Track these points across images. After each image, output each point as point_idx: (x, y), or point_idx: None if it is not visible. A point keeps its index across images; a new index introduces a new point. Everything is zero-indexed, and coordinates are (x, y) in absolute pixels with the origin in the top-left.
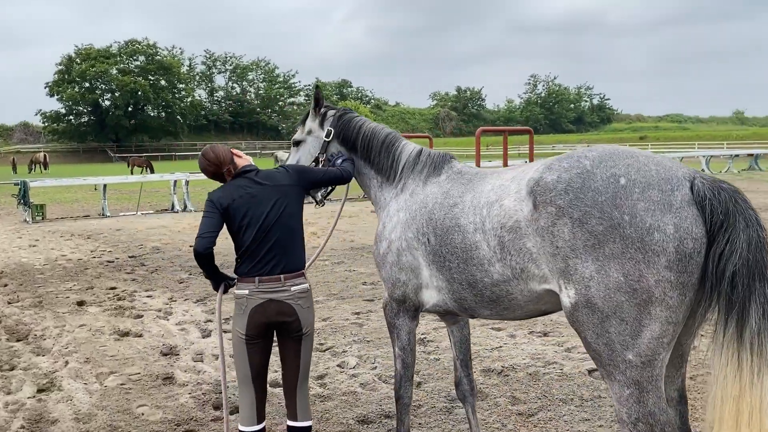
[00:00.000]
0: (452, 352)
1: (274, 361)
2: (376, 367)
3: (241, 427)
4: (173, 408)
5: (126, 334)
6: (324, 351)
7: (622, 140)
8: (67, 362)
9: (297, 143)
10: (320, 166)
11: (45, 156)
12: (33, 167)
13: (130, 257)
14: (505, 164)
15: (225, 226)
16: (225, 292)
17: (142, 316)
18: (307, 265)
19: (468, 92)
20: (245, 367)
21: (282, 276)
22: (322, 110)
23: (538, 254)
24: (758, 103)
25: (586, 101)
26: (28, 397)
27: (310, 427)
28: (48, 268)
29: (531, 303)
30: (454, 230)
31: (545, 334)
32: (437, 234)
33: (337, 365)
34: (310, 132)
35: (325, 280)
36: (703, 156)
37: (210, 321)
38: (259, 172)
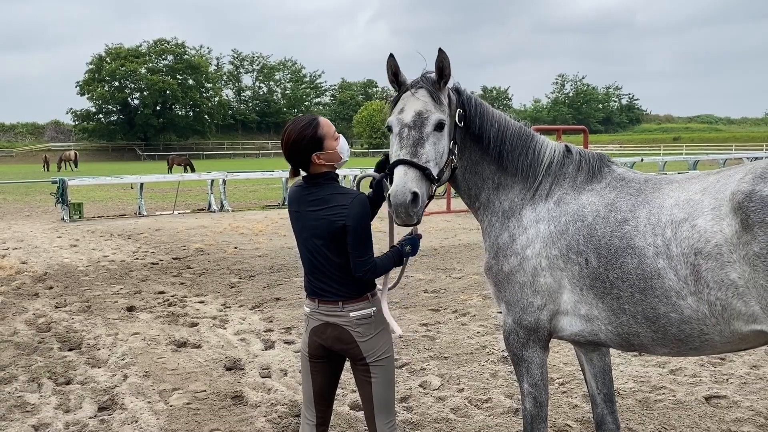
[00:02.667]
0: (590, 384)
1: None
2: (462, 389)
3: None
4: None
5: (183, 344)
6: (401, 367)
7: (655, 141)
8: (125, 376)
9: (441, 127)
10: (453, 162)
11: (75, 154)
12: (62, 165)
13: (174, 259)
14: None
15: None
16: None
17: (197, 324)
18: (387, 287)
19: (494, 91)
20: (307, 385)
21: (340, 302)
22: (450, 83)
23: (746, 287)
24: None
25: (615, 101)
26: (90, 417)
27: None
28: (92, 269)
29: (730, 344)
30: (625, 252)
31: (639, 353)
32: (601, 255)
33: (419, 385)
34: (449, 114)
35: None
36: (748, 158)
37: (270, 330)
38: (323, 187)
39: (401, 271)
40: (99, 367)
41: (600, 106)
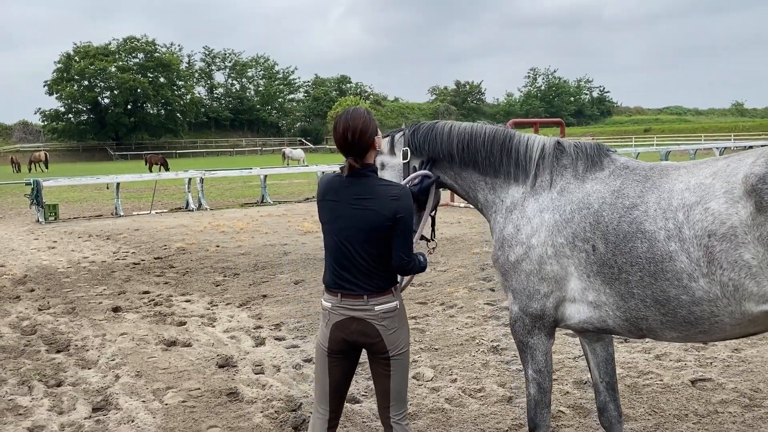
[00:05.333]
0: (593, 373)
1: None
2: (455, 379)
3: None
4: (248, 430)
5: (173, 343)
6: None
7: (627, 133)
8: (117, 376)
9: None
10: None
11: (46, 155)
12: (33, 166)
13: (156, 259)
14: None
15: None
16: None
17: (185, 323)
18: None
19: (467, 86)
20: (324, 379)
21: (365, 296)
22: (385, 139)
23: (760, 268)
24: (756, 95)
25: (586, 94)
26: (85, 418)
27: None
28: (72, 271)
29: (739, 327)
30: (635, 237)
31: (626, 340)
32: (609, 240)
33: (413, 377)
34: (383, 165)
35: None
36: (717, 148)
37: (260, 327)
38: (368, 180)
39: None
40: (89, 368)
41: (572, 99)
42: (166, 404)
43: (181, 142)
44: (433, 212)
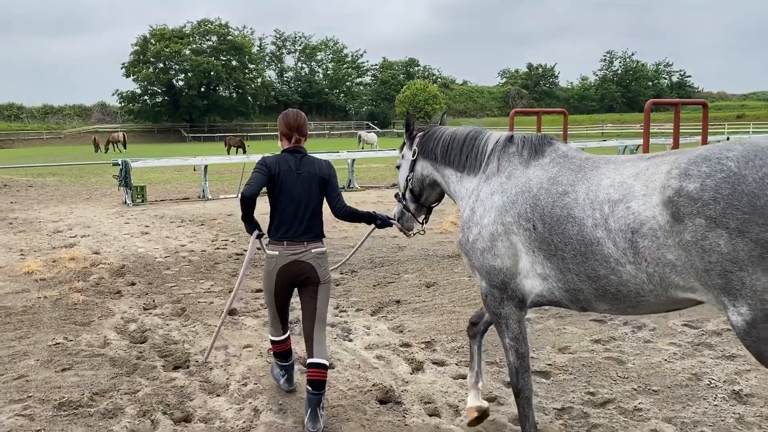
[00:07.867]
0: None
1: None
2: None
3: (271, 337)
4: None
5: None
6: (603, 405)
7: (716, 120)
8: (256, 410)
9: (398, 167)
10: (410, 186)
11: (124, 136)
12: (111, 147)
13: (259, 249)
14: (677, 144)
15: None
16: (258, 238)
17: None
18: (342, 261)
19: (540, 69)
20: (272, 305)
21: (305, 242)
22: (413, 134)
23: (684, 268)
24: None
25: (665, 78)
26: None
27: (325, 365)
28: (172, 261)
29: (664, 305)
30: (567, 221)
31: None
32: (546, 222)
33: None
34: (403, 156)
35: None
36: None
37: (408, 345)
38: (305, 156)
39: (362, 241)
40: (218, 395)
41: (650, 83)
42: None
43: (252, 125)
44: (435, 204)
